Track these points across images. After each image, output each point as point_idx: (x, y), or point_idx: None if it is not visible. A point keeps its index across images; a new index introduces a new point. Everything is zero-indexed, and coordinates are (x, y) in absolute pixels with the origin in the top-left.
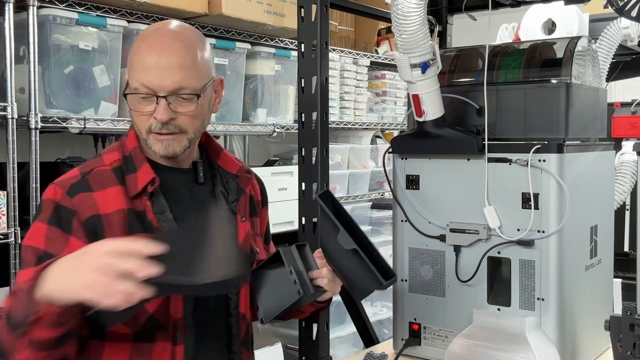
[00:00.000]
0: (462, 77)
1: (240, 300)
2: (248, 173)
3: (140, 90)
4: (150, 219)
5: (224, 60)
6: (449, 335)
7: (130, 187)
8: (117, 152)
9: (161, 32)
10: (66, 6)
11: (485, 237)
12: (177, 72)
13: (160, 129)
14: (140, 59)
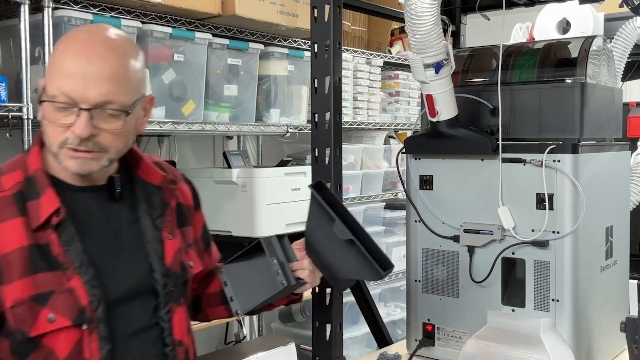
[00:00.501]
0: (475, 77)
1: (173, 327)
2: (173, 183)
3: (58, 98)
4: (57, 254)
5: (237, 60)
6: (463, 336)
7: (33, 217)
8: (19, 171)
9: (93, 37)
10: (81, 7)
11: (500, 238)
12: (106, 83)
13: (77, 145)
14: (63, 63)
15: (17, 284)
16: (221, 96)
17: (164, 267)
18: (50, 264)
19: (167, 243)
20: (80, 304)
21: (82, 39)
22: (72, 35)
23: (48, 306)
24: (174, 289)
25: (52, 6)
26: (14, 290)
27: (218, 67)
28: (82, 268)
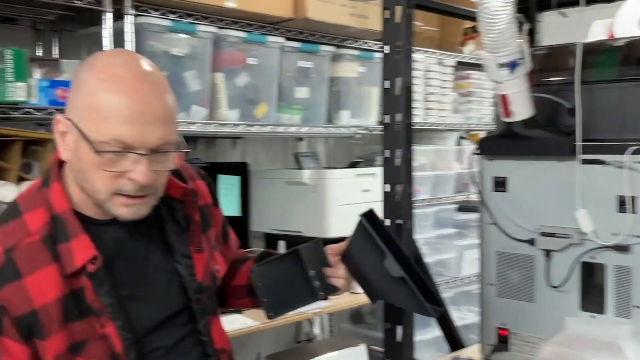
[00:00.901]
0: (552, 76)
1: (214, 338)
2: (194, 194)
3: (109, 145)
4: (90, 301)
5: (309, 63)
6: (539, 342)
7: (66, 263)
8: (41, 209)
9: (133, 73)
10: (160, 14)
11: (578, 242)
12: (162, 125)
13: (135, 192)
14: (113, 106)
15: (56, 336)
16: (292, 98)
17: (195, 282)
18: (83, 311)
19: (196, 258)
20: (115, 351)
21: (124, 76)
22: (108, 71)
23: (82, 355)
24: (208, 301)
25: (133, 13)
26: (55, 344)
27: (290, 70)
28: (115, 313)
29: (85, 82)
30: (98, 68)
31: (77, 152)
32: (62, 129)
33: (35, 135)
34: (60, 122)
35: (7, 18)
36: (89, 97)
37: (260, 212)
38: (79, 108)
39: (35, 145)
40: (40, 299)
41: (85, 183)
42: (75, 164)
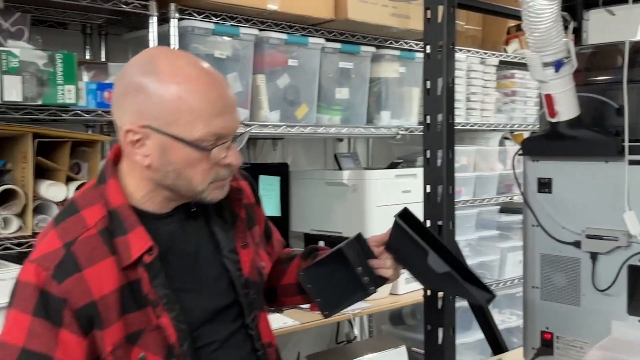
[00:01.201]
0: (599, 75)
1: (261, 332)
2: (238, 192)
3: (207, 140)
4: (146, 292)
5: (349, 64)
6: (584, 346)
7: (123, 255)
8: (98, 205)
9: (200, 69)
10: (203, 17)
11: (626, 245)
12: (236, 110)
13: (228, 176)
14: (206, 105)
15: (114, 327)
16: (333, 99)
17: (242, 277)
18: (139, 302)
19: (242, 253)
20: (169, 341)
21: (198, 75)
22: (180, 74)
23: (139, 345)
24: (255, 296)
25: (178, 17)
26: (114, 334)
27: (330, 71)
28: (169, 304)
29: (157, 89)
30: (167, 72)
31: (165, 156)
32: (134, 138)
33: (84, 136)
34: (132, 131)
35: (58, 23)
36: (173, 102)
37: (300, 212)
38: (163, 114)
39: (83, 147)
40: (99, 291)
41: (179, 181)
42: (162, 167)
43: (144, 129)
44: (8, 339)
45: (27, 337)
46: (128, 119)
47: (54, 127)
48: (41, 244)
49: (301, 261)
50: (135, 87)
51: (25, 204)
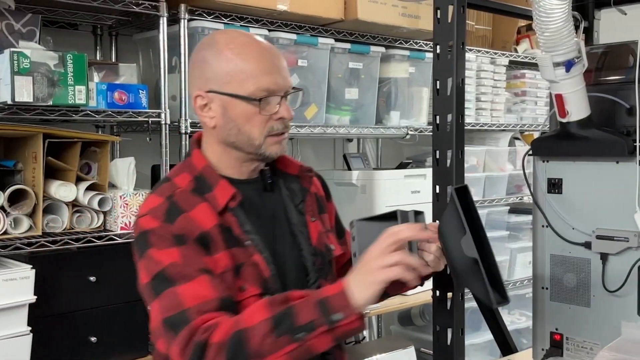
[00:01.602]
0: (610, 75)
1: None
2: (309, 172)
3: (260, 94)
4: (238, 234)
5: (358, 64)
6: (595, 348)
7: (214, 204)
8: (185, 173)
9: (251, 37)
10: (213, 18)
11: (636, 245)
12: (287, 71)
13: (282, 129)
14: (255, 64)
15: (221, 254)
16: (342, 99)
17: (310, 246)
18: (236, 241)
19: (311, 225)
20: (264, 275)
21: (249, 42)
22: (234, 42)
23: (240, 277)
24: (322, 266)
25: (188, 18)
26: (221, 260)
27: (339, 71)
28: (260, 247)
29: (216, 58)
30: (223, 43)
31: (226, 114)
32: (202, 103)
33: (94, 137)
34: (200, 97)
35: (68, 23)
36: (228, 65)
37: None
38: (218, 77)
39: (93, 147)
40: (205, 225)
41: (240, 136)
42: (226, 125)
43: (209, 93)
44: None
45: (183, 262)
46: (197, 87)
47: (64, 127)
48: (144, 205)
49: None
50: (200, 60)
51: (35, 204)
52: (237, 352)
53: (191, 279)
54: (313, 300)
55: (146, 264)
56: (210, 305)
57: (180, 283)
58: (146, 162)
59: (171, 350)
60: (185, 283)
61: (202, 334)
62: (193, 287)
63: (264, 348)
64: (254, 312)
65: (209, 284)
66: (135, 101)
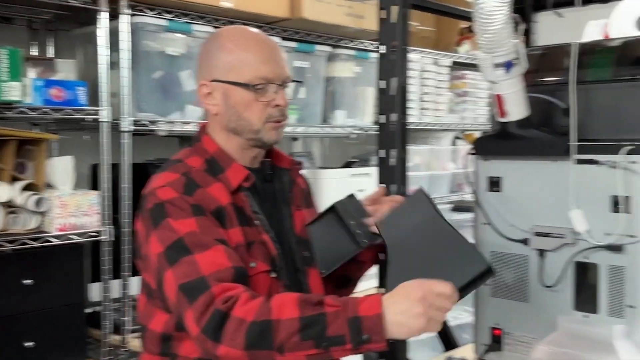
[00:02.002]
0: (548, 77)
1: (311, 288)
2: (298, 164)
3: (259, 82)
4: (249, 214)
5: (304, 63)
6: (532, 342)
7: (226, 185)
8: (196, 156)
9: (252, 31)
10: (156, 14)
11: (572, 242)
12: (285, 62)
13: (279, 117)
14: (254, 54)
15: (235, 230)
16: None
17: (295, 236)
18: (247, 220)
19: (296, 214)
20: (272, 253)
21: (250, 34)
22: (235, 35)
23: (250, 255)
24: (307, 254)
25: (129, 13)
26: (234, 235)
27: None
28: (267, 227)
29: (218, 49)
30: (225, 36)
31: (228, 100)
32: (206, 91)
33: (30, 135)
34: (204, 85)
35: (3, 17)
36: (229, 55)
37: None
38: (221, 67)
39: (29, 145)
40: (221, 200)
41: (240, 122)
42: (227, 111)
43: (212, 82)
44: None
45: (201, 232)
46: (201, 76)
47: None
48: (158, 179)
49: None
50: (205, 52)
51: None
52: (260, 338)
53: (208, 248)
54: (347, 315)
55: (162, 233)
56: (227, 273)
57: (198, 251)
58: (85, 161)
59: (186, 315)
60: (202, 252)
61: (223, 303)
62: (210, 255)
63: (287, 345)
64: (285, 304)
65: (225, 253)
66: (74, 98)
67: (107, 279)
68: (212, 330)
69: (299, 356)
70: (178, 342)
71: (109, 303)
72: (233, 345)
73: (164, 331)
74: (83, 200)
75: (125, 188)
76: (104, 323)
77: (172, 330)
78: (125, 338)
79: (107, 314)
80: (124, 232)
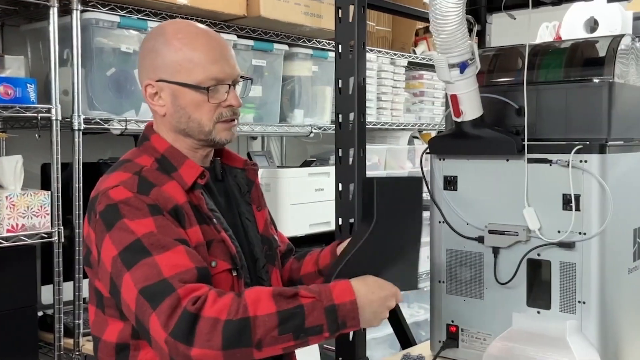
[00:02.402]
0: (501, 77)
1: (272, 284)
2: (254, 165)
3: (207, 83)
4: (205, 212)
5: (261, 61)
6: (487, 338)
7: (181, 183)
8: (146, 156)
9: (199, 27)
10: (108, 10)
11: (525, 239)
12: (235, 60)
13: (231, 116)
14: (203, 53)
15: (194, 229)
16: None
17: (258, 234)
18: (204, 218)
19: (257, 214)
20: (232, 252)
21: (197, 32)
22: (182, 32)
23: (210, 253)
24: (269, 252)
25: (80, 9)
26: (194, 234)
27: (243, 68)
28: (224, 225)
29: (164, 47)
30: (171, 33)
31: (177, 101)
32: (152, 92)
33: None
34: (150, 85)
35: None
36: (176, 54)
37: None
38: (167, 67)
39: None
40: (177, 199)
41: (190, 123)
42: (176, 112)
43: (158, 82)
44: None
45: (159, 231)
46: (146, 76)
47: None
48: (109, 179)
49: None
50: (148, 49)
51: None
52: (238, 336)
53: (168, 249)
54: (323, 304)
55: (116, 235)
56: (190, 274)
57: (157, 252)
58: (36, 160)
59: (151, 321)
60: (162, 253)
61: (192, 305)
62: (171, 256)
63: (265, 340)
64: (261, 299)
65: (186, 253)
66: (23, 95)
67: (59, 282)
68: (182, 333)
69: (277, 349)
70: (135, 351)
71: (61, 306)
72: (208, 346)
73: (119, 341)
74: (33, 201)
75: (77, 188)
76: (56, 326)
77: (128, 339)
78: (78, 342)
79: (59, 317)
80: (76, 233)
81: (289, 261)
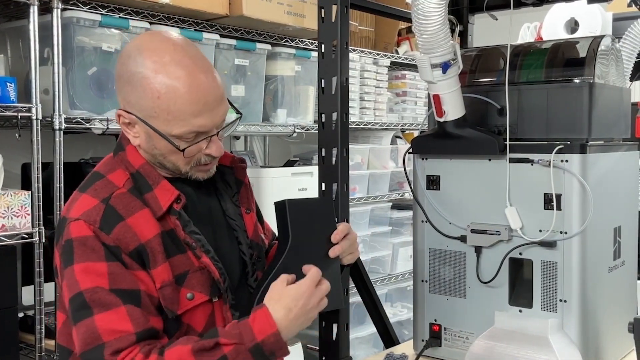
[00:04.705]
0: (483, 77)
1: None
2: (242, 162)
3: (189, 136)
4: (183, 237)
5: (244, 61)
6: (470, 337)
7: (154, 208)
8: (120, 170)
9: (188, 68)
10: (89, 8)
11: (507, 238)
12: (222, 102)
13: (210, 161)
14: (186, 106)
15: (161, 267)
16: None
17: (247, 239)
18: (179, 247)
19: (246, 218)
20: (215, 277)
21: (181, 75)
22: (164, 71)
23: (185, 285)
24: (258, 258)
25: (61, 7)
26: (161, 273)
27: (225, 67)
28: (205, 246)
29: (140, 85)
30: (151, 69)
31: (151, 141)
32: (126, 121)
33: None
34: (122, 116)
35: None
36: (153, 100)
37: None
38: (145, 108)
39: None
40: (143, 235)
41: (165, 162)
42: (150, 149)
43: (131, 115)
44: (90, 286)
45: (110, 280)
46: (120, 102)
47: None
48: (75, 206)
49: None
50: (126, 75)
51: None
52: None
53: (109, 308)
54: (247, 346)
55: (69, 278)
56: (127, 341)
57: (99, 311)
58: (16, 159)
59: None
60: (103, 312)
61: None
62: (111, 318)
63: None
64: (182, 358)
65: (127, 316)
66: (3, 95)
67: (39, 282)
68: None
69: None
70: None
71: (42, 307)
72: None
73: None
74: (14, 201)
75: (58, 188)
76: (37, 327)
77: None
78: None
79: (40, 318)
80: None
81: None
